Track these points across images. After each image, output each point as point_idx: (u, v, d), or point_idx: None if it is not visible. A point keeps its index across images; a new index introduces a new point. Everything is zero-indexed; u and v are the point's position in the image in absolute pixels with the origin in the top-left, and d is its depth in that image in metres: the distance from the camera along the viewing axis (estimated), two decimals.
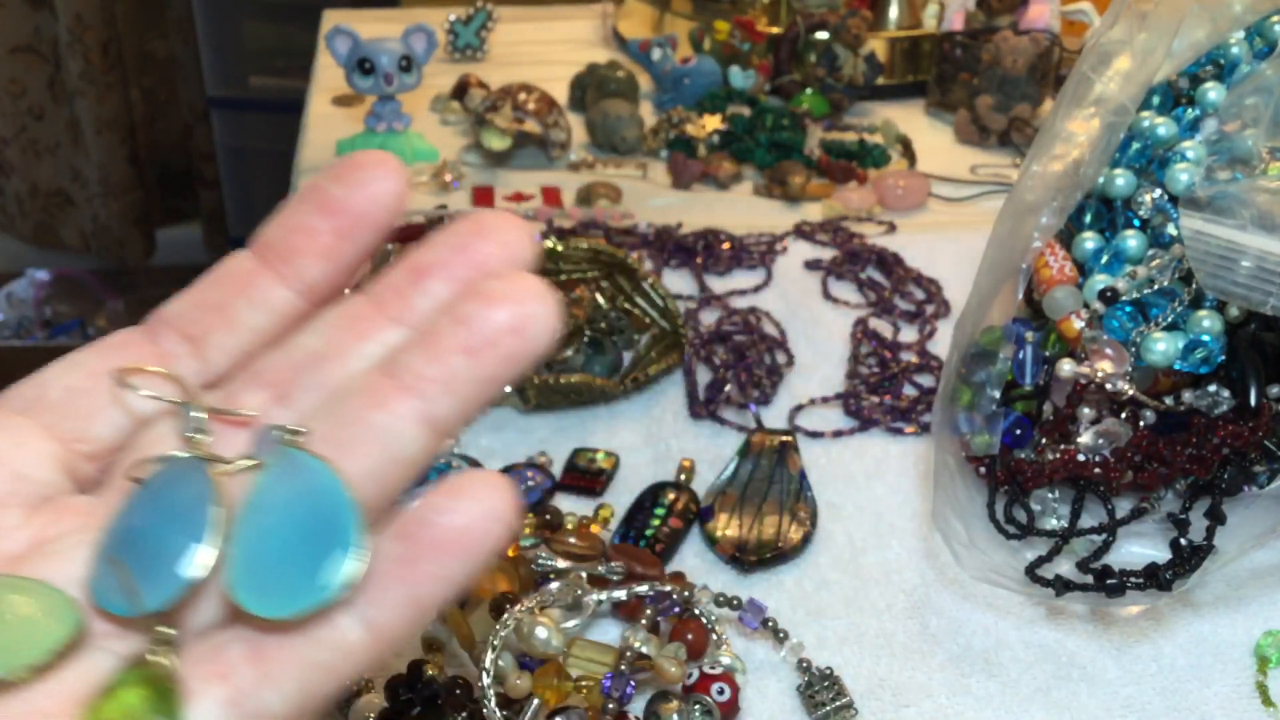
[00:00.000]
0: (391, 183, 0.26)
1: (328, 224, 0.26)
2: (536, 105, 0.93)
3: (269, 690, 0.23)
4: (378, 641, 0.23)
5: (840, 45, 1.05)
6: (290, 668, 0.23)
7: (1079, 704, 0.46)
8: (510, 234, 0.26)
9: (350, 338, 0.26)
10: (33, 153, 2.14)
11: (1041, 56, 1.00)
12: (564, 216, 0.84)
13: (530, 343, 0.24)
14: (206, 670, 0.23)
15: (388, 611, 0.23)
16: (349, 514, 0.23)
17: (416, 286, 0.26)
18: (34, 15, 2.03)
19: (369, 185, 0.26)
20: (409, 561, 0.23)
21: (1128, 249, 0.53)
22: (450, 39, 1.17)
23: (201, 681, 0.23)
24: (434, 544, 0.23)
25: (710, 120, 0.99)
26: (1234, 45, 0.57)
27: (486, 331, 0.24)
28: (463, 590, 0.24)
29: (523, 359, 0.24)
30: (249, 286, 0.27)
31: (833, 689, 0.45)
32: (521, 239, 0.26)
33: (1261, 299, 0.46)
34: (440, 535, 0.23)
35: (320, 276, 0.27)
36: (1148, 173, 0.55)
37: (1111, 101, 0.52)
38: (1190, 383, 0.53)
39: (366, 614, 0.23)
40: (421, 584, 0.23)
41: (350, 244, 0.27)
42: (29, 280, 2.12)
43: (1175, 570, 0.46)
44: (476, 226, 0.26)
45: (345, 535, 0.23)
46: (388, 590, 0.23)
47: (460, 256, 0.26)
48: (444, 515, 0.23)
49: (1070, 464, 0.50)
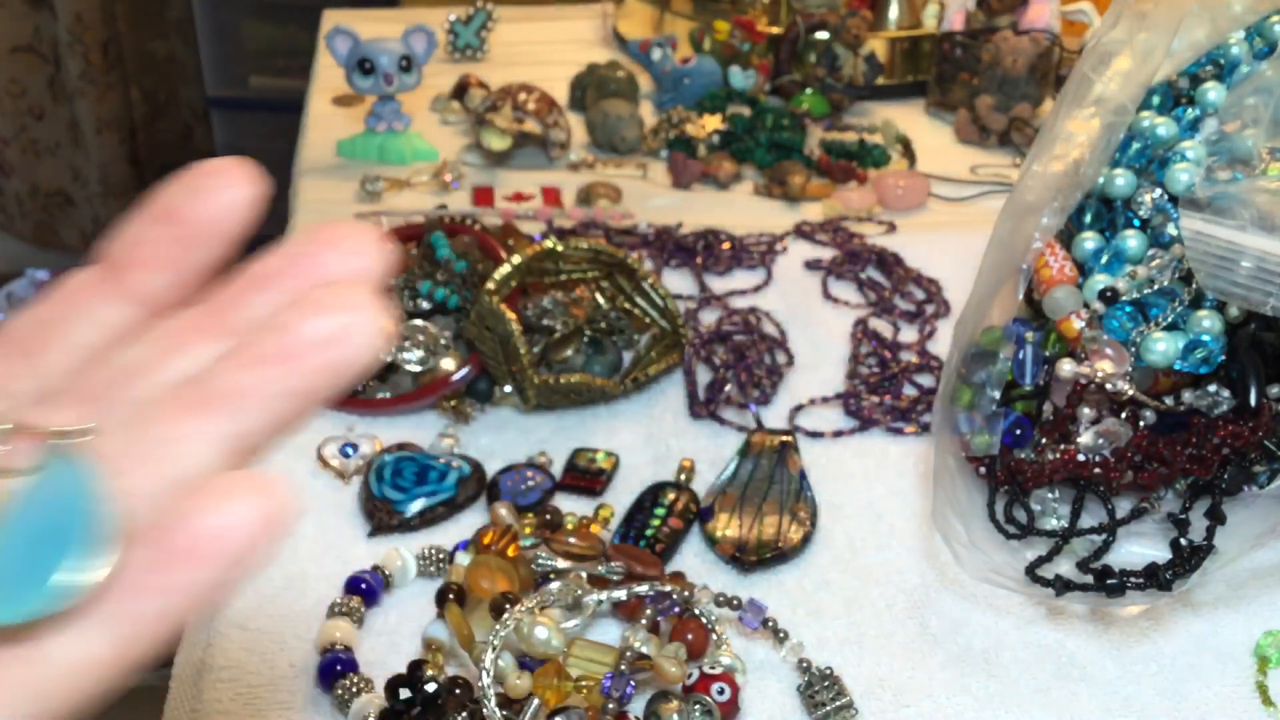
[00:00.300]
0: (238, 190, 0.25)
1: (170, 234, 0.25)
2: (536, 105, 0.93)
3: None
4: (123, 656, 0.22)
5: (840, 45, 1.05)
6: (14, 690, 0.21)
7: (1079, 704, 0.46)
8: (356, 244, 0.24)
9: (172, 350, 0.25)
10: (33, 153, 2.14)
11: (1041, 56, 1.00)
12: (564, 216, 0.84)
13: (350, 352, 0.22)
14: None
15: (132, 624, 0.21)
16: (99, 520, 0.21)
17: (253, 296, 0.25)
18: (34, 15, 2.03)
19: (214, 193, 0.25)
20: (159, 569, 0.21)
21: (1128, 249, 0.53)
22: (450, 39, 1.17)
23: None
24: (187, 550, 0.21)
25: (710, 120, 0.99)
26: (1234, 45, 0.57)
27: (301, 341, 0.22)
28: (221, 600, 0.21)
29: (341, 370, 0.23)
30: (85, 302, 0.26)
31: (833, 689, 0.45)
32: (368, 249, 0.24)
33: (1261, 299, 0.46)
34: (194, 541, 0.21)
35: (162, 287, 0.26)
36: (1148, 173, 0.55)
37: (1111, 101, 0.52)
38: (1190, 383, 0.53)
39: (111, 625, 0.21)
40: (171, 593, 0.21)
41: (193, 253, 0.25)
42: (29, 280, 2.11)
43: (1175, 570, 0.46)
44: (323, 236, 0.25)
45: (89, 542, 0.21)
46: (135, 600, 0.21)
47: (301, 266, 0.24)
48: (200, 518, 0.21)
49: (1070, 464, 0.50)
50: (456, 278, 0.67)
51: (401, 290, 0.67)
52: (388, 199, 0.88)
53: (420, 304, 0.66)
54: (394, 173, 0.91)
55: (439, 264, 0.68)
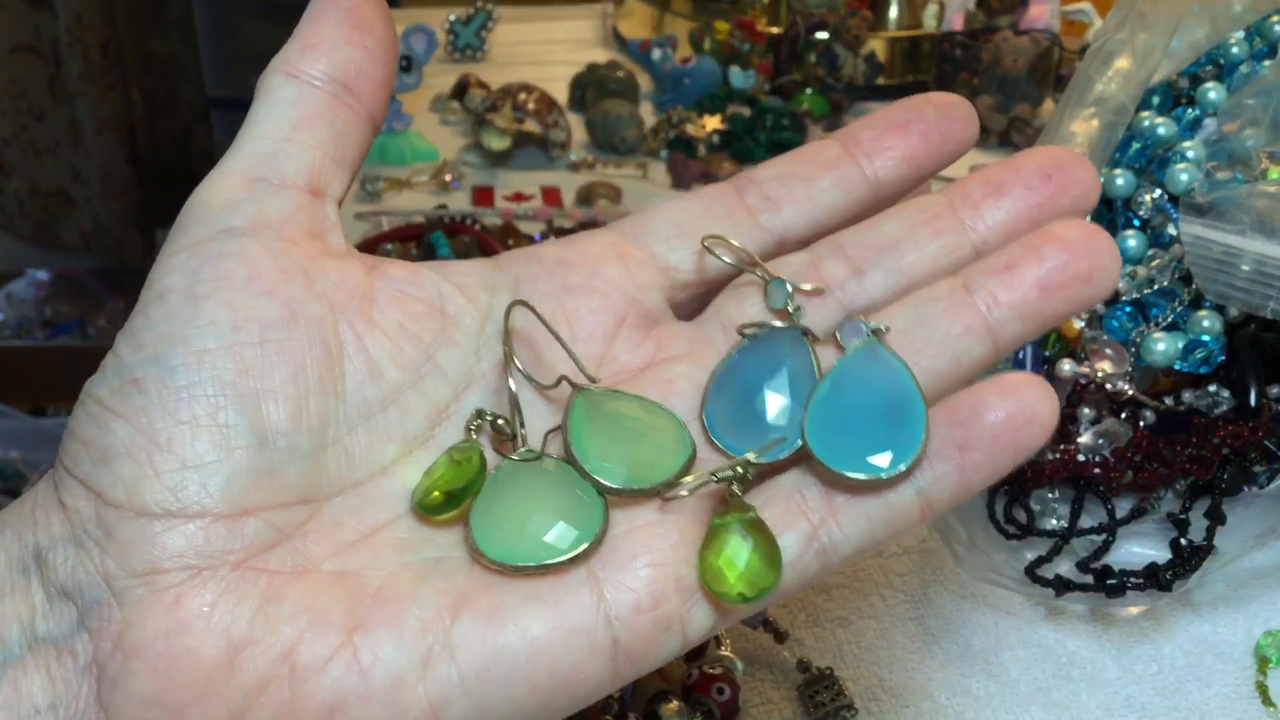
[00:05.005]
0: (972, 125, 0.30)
1: (918, 133, 0.30)
2: (536, 105, 0.93)
3: (838, 531, 0.27)
4: (927, 509, 0.27)
5: (840, 45, 1.05)
6: (855, 515, 0.27)
7: (1079, 704, 0.46)
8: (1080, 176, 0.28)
9: (926, 231, 0.29)
10: (33, 153, 2.13)
11: (1041, 56, 1.00)
12: (564, 216, 0.84)
13: (1095, 291, 0.26)
14: (787, 509, 0.27)
15: (939, 485, 0.26)
16: (916, 408, 0.26)
17: (990, 200, 0.29)
18: (34, 15, 2.03)
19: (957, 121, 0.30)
20: (963, 447, 0.26)
21: (1128, 249, 0.53)
22: (450, 39, 1.17)
23: (783, 519, 0.27)
24: (985, 435, 0.26)
25: (710, 120, 0.99)
26: (1234, 45, 0.57)
27: (1061, 274, 0.26)
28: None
29: (1085, 304, 0.27)
30: (832, 166, 0.30)
31: (833, 689, 0.45)
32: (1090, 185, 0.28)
33: (1261, 302, 0.46)
34: (991, 428, 0.26)
35: (894, 178, 0.30)
36: (1148, 173, 0.55)
37: (1111, 101, 0.52)
38: (1190, 383, 0.53)
39: (920, 484, 0.26)
40: (970, 468, 0.26)
41: (933, 158, 0.30)
42: (29, 280, 2.12)
43: (1175, 570, 0.46)
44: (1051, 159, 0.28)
45: (911, 425, 0.26)
46: (941, 468, 0.26)
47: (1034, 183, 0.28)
48: (994, 411, 0.26)
49: (1070, 464, 0.50)
50: None
51: None
52: (388, 199, 0.88)
53: None
54: (394, 173, 0.91)
55: None
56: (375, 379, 0.28)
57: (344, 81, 0.29)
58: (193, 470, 0.25)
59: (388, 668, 0.24)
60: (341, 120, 0.29)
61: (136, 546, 0.24)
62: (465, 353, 0.29)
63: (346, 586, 0.25)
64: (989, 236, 0.29)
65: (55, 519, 0.25)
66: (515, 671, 0.25)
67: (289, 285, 0.27)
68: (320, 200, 0.28)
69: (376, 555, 0.26)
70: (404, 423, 0.28)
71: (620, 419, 0.28)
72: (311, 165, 0.28)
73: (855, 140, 0.31)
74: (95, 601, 0.24)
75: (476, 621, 0.25)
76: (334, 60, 0.28)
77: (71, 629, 0.25)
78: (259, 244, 0.27)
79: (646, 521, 0.27)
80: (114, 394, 0.25)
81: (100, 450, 0.25)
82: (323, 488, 0.27)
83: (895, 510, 0.27)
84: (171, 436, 0.25)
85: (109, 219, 2.14)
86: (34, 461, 1.55)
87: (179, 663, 0.24)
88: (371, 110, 0.29)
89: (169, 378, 0.25)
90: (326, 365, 0.27)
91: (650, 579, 0.26)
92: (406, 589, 0.26)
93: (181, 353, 0.25)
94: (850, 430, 0.27)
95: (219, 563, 0.25)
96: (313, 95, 0.28)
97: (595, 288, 0.30)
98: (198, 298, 0.26)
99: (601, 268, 0.30)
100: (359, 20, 0.29)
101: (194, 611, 0.24)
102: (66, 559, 0.25)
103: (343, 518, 0.27)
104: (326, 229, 0.28)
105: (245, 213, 0.27)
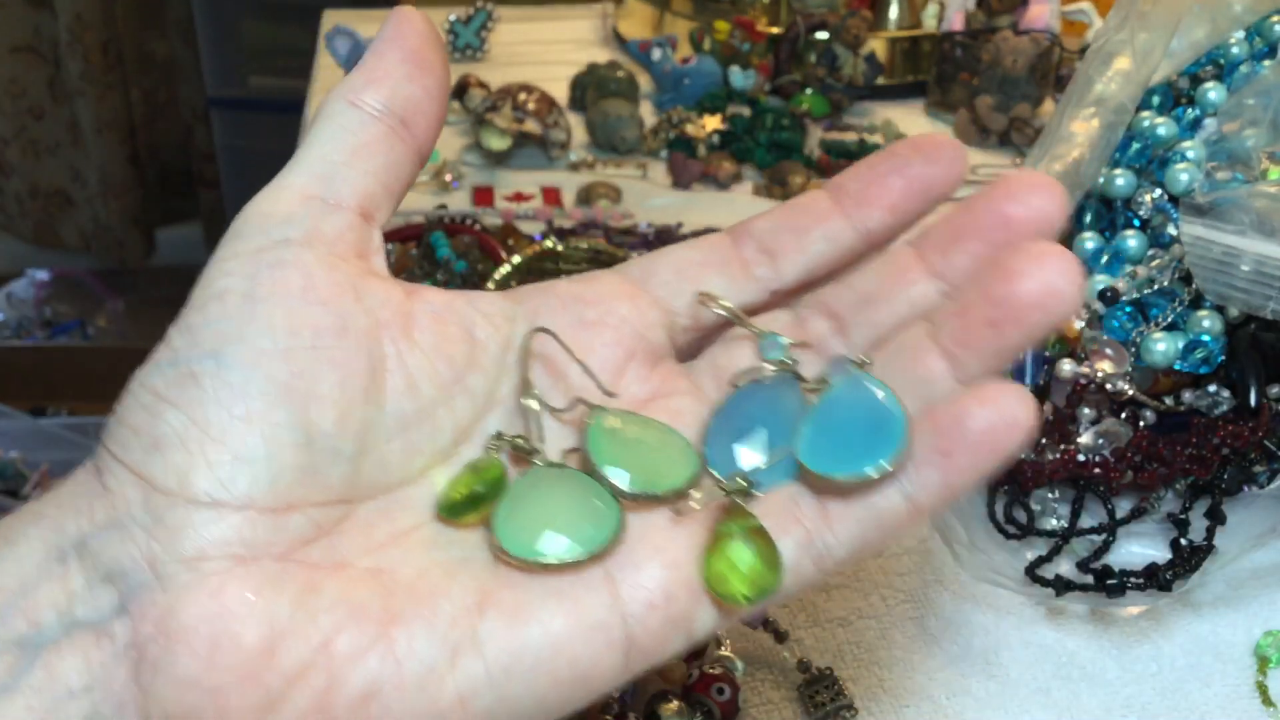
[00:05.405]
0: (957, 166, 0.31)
1: (900, 184, 0.31)
2: (536, 105, 0.93)
3: (832, 537, 0.28)
4: (914, 512, 0.28)
5: (840, 45, 1.05)
6: (848, 521, 0.28)
7: (1079, 704, 0.46)
8: (1037, 197, 0.29)
9: (897, 285, 0.31)
10: (33, 153, 2.13)
11: (1041, 56, 1.00)
12: (564, 216, 0.84)
13: (1052, 314, 0.27)
14: (784, 518, 0.29)
15: (924, 489, 0.28)
16: (898, 419, 0.28)
17: (955, 245, 0.30)
18: (34, 15, 2.03)
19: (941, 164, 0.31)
20: (945, 453, 0.27)
21: (1128, 249, 0.53)
22: (450, 39, 1.17)
23: (780, 526, 0.28)
24: (967, 441, 0.27)
25: (710, 120, 0.99)
26: (1234, 45, 0.57)
27: (1010, 307, 0.27)
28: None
29: (1044, 327, 0.27)
30: (823, 220, 0.32)
31: (833, 689, 0.45)
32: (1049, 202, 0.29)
33: (1261, 302, 0.46)
34: (972, 434, 0.27)
35: (881, 226, 0.32)
36: (1148, 173, 0.55)
37: (1111, 101, 0.52)
38: (1190, 383, 0.53)
39: (907, 489, 0.28)
40: (953, 472, 0.27)
41: (916, 204, 0.31)
42: (29, 280, 2.11)
43: (1175, 570, 0.46)
44: (1006, 190, 0.29)
45: (893, 432, 0.28)
46: (926, 473, 0.28)
47: (991, 220, 0.29)
48: (974, 419, 0.27)
49: (1070, 464, 0.50)
50: (456, 278, 0.67)
51: None
52: None
53: None
54: None
55: (439, 264, 0.68)
56: (412, 394, 0.29)
57: (402, 116, 0.30)
58: (244, 463, 0.26)
59: (421, 659, 0.26)
60: (396, 152, 0.30)
61: (184, 532, 0.25)
62: (490, 377, 0.31)
63: (380, 582, 0.27)
64: (957, 279, 0.30)
65: (99, 505, 0.26)
66: (539, 665, 0.26)
67: (340, 298, 0.28)
68: (369, 224, 0.30)
69: (407, 554, 0.28)
70: (434, 438, 0.30)
71: (634, 434, 0.30)
72: (366, 190, 0.30)
73: (843, 191, 0.32)
74: (139, 585, 0.25)
75: (502, 617, 0.27)
76: (395, 95, 0.30)
77: (111, 613, 0.25)
78: (314, 256, 0.28)
79: (658, 527, 0.29)
80: (170, 385, 0.26)
81: (153, 438, 0.26)
82: (360, 490, 0.28)
83: (884, 514, 0.28)
84: (225, 429, 0.26)
85: (109, 219, 2.14)
86: (34, 462, 1.55)
87: (221, 646, 0.25)
88: (422, 146, 0.31)
89: (226, 374, 0.26)
90: (370, 376, 0.28)
91: (663, 579, 0.28)
92: (437, 585, 0.27)
93: (239, 351, 0.27)
94: (838, 443, 0.29)
95: (263, 554, 0.26)
96: (372, 125, 0.30)
97: (608, 323, 0.32)
98: (256, 300, 0.27)
99: (613, 304, 0.32)
100: (422, 61, 0.30)
101: (238, 598, 0.25)
102: (109, 543, 0.25)
103: (375, 520, 0.28)
104: (372, 251, 0.30)
105: (302, 226, 0.29)
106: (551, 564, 0.28)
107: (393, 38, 0.31)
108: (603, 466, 0.29)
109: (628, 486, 0.29)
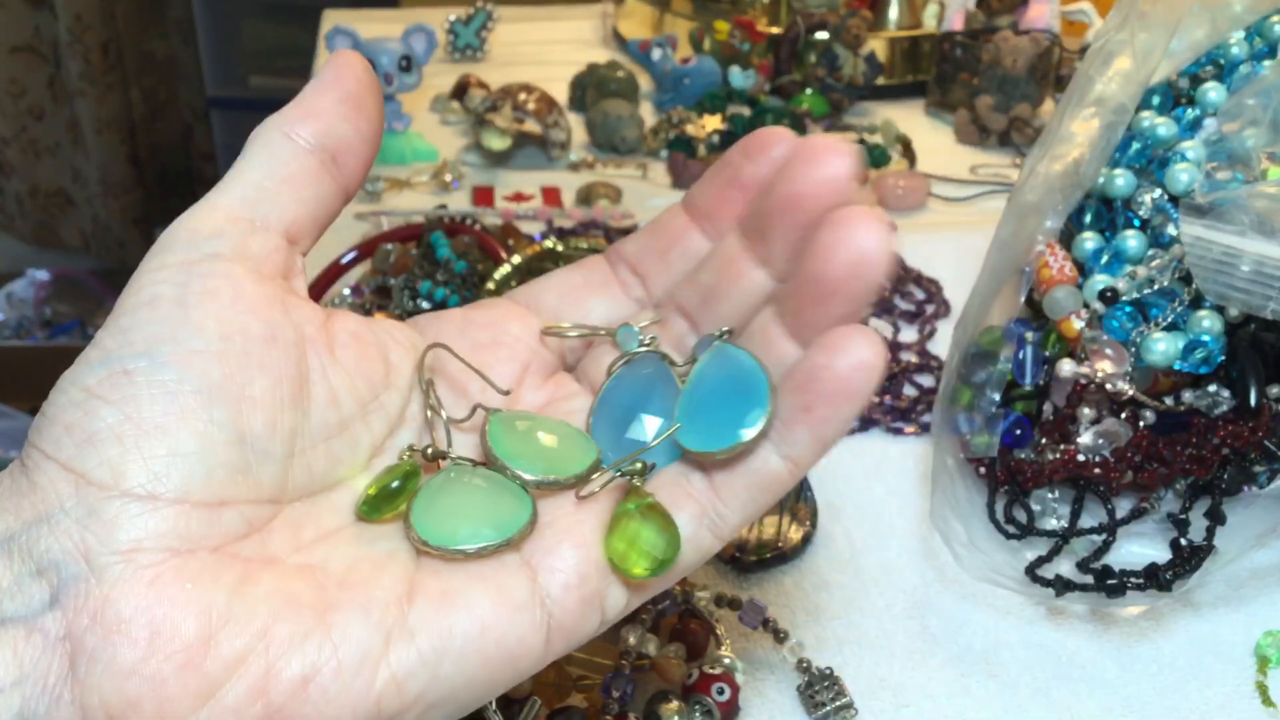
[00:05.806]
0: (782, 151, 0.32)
1: (737, 194, 0.33)
2: (536, 105, 0.93)
3: (723, 505, 0.31)
4: (795, 471, 0.30)
5: (840, 45, 1.05)
6: (735, 489, 0.31)
7: (1079, 704, 0.46)
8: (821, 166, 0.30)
9: (730, 279, 0.33)
10: (33, 153, 2.14)
11: (1041, 56, 1.00)
12: (564, 216, 0.84)
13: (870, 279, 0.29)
14: (676, 494, 0.31)
15: (797, 447, 0.30)
16: (761, 383, 0.30)
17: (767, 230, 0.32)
18: (34, 15, 2.03)
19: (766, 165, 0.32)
20: (807, 409, 0.29)
21: (1128, 249, 0.53)
22: (450, 39, 1.17)
23: (673, 502, 0.31)
24: (824, 393, 0.29)
25: (710, 120, 0.99)
26: (1234, 45, 0.57)
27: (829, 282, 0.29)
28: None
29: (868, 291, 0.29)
30: (680, 238, 0.35)
31: (833, 689, 0.45)
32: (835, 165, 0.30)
33: (1261, 302, 0.46)
34: (828, 385, 0.29)
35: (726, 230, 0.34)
36: (1148, 173, 0.55)
37: (1111, 101, 0.52)
38: (1190, 383, 0.53)
39: (782, 449, 0.30)
40: (819, 424, 0.29)
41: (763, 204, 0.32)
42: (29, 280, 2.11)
43: (1175, 570, 0.46)
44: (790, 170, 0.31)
45: (758, 397, 0.30)
46: (795, 431, 0.30)
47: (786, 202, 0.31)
48: (826, 370, 0.28)
49: (1070, 464, 0.50)
50: (456, 278, 0.67)
51: (401, 290, 0.67)
52: (388, 199, 0.88)
53: (420, 304, 0.66)
54: (394, 173, 0.91)
55: (439, 264, 0.68)
56: (334, 406, 0.31)
57: (333, 153, 0.32)
58: (178, 458, 0.27)
59: (356, 645, 0.27)
60: (324, 185, 0.32)
61: (119, 524, 0.26)
62: (403, 396, 0.33)
63: (313, 575, 0.28)
64: (779, 263, 0.32)
65: (26, 503, 0.26)
66: (468, 646, 0.28)
67: (269, 309, 0.29)
68: (294, 247, 0.31)
69: (335, 550, 0.29)
70: (353, 450, 0.31)
71: (532, 430, 0.32)
72: (293, 216, 0.31)
73: (695, 208, 0.35)
74: (72, 577, 0.25)
75: (431, 603, 0.28)
76: (329, 132, 0.31)
77: (42, 607, 0.25)
78: (242, 269, 0.29)
79: (566, 512, 0.31)
80: (102, 383, 0.27)
81: (87, 434, 0.26)
82: (288, 492, 0.29)
83: (767, 477, 0.30)
84: (159, 425, 0.27)
85: (109, 219, 2.14)
86: None
87: (161, 636, 0.25)
88: (349, 184, 0.32)
89: (159, 372, 0.27)
90: (298, 385, 0.29)
91: (575, 560, 0.30)
92: (368, 576, 0.28)
93: (172, 350, 0.27)
94: (710, 416, 0.31)
95: (198, 546, 0.27)
96: (304, 157, 0.31)
97: (502, 341, 0.35)
98: (188, 306, 0.28)
99: (505, 325, 0.35)
100: (358, 103, 0.32)
101: (176, 588, 0.26)
102: (40, 537, 0.26)
103: (302, 520, 0.30)
104: (295, 273, 0.31)
105: (230, 242, 0.30)
106: (470, 552, 0.29)
107: (333, 79, 0.32)
108: (507, 459, 0.31)
109: (531, 475, 0.31)
